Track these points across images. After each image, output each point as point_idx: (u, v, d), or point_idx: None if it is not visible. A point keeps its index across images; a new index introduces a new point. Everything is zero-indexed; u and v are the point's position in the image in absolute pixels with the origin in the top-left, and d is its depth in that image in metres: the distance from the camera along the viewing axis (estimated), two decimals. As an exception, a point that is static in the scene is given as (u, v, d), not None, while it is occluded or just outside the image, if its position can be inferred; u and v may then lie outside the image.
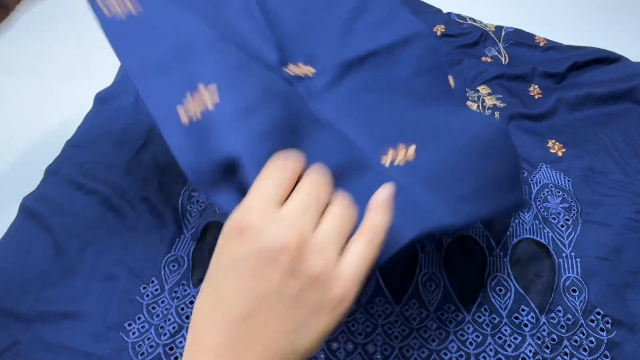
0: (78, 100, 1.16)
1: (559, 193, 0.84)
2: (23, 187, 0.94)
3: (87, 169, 0.97)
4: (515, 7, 1.38)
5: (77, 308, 0.74)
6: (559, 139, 0.94)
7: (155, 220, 0.86)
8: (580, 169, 0.88)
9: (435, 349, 0.69)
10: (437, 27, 1.23)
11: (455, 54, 1.17)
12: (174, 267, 0.79)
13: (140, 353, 0.70)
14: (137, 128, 1.06)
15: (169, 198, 0.90)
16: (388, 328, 0.71)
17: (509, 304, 0.72)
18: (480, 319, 0.71)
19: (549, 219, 0.81)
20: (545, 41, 1.15)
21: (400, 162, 0.57)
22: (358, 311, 0.73)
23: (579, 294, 0.71)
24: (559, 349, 0.67)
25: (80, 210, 0.88)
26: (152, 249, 0.82)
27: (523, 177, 0.86)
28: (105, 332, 0.71)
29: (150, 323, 0.73)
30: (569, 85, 1.06)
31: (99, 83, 1.17)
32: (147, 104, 0.56)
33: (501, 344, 0.68)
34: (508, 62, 1.14)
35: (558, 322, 0.69)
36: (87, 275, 0.78)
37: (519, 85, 1.07)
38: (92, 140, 1.03)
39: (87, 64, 1.31)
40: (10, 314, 0.74)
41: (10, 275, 0.79)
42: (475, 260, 0.77)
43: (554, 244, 0.77)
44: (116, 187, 0.93)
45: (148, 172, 0.95)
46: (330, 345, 0.70)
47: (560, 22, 1.31)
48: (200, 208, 0.88)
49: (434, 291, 0.74)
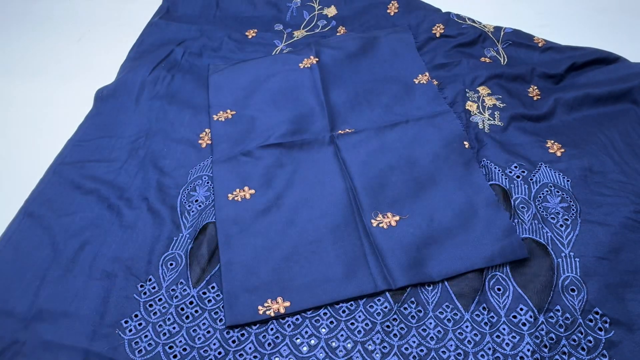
0: (78, 100, 1.16)
1: (558, 193, 0.84)
2: (23, 186, 0.94)
3: (86, 168, 0.97)
4: (514, 7, 1.39)
5: (75, 306, 0.74)
6: (558, 139, 0.94)
7: (153, 219, 0.86)
8: (579, 169, 0.88)
9: (434, 347, 0.69)
10: (436, 27, 1.23)
11: (454, 54, 1.17)
12: (171, 265, 0.79)
13: (137, 350, 0.69)
14: (137, 127, 1.06)
15: (167, 197, 0.90)
16: (387, 327, 0.70)
17: (507, 303, 0.72)
18: (479, 318, 0.71)
19: (548, 218, 0.81)
20: (544, 42, 1.15)
21: (383, 226, 0.82)
22: (357, 310, 0.73)
23: (577, 293, 0.71)
24: (557, 348, 0.67)
25: (79, 210, 0.88)
26: (149, 248, 0.82)
27: (523, 176, 0.87)
28: (103, 330, 0.71)
29: (147, 321, 0.73)
30: (567, 85, 1.06)
31: (99, 83, 1.17)
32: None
33: (499, 342, 0.68)
34: (507, 62, 1.14)
35: (556, 322, 0.69)
36: (84, 274, 0.78)
37: (518, 85, 1.07)
38: (92, 139, 1.03)
39: (87, 64, 1.32)
40: (9, 313, 0.74)
41: (8, 275, 0.79)
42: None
43: (553, 243, 0.77)
44: (115, 186, 0.93)
45: (147, 171, 0.96)
46: (329, 343, 0.70)
47: (559, 23, 1.31)
48: (199, 207, 0.88)
49: (432, 290, 0.74)
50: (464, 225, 0.80)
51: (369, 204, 0.84)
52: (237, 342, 0.70)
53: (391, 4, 1.32)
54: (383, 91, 1.09)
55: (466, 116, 1.01)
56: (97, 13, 1.51)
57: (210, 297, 0.75)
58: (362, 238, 0.80)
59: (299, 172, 0.92)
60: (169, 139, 1.02)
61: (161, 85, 1.14)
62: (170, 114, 1.08)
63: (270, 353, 0.69)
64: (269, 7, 1.39)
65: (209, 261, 0.80)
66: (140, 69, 1.17)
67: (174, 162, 0.97)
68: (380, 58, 1.18)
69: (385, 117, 1.02)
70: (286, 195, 0.88)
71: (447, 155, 0.92)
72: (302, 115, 1.04)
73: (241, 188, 0.89)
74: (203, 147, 1.00)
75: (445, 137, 0.95)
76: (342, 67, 1.16)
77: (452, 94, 1.06)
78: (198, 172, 0.95)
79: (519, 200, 0.83)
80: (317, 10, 1.36)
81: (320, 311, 0.73)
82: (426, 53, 1.18)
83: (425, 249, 0.77)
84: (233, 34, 1.31)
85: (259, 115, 1.05)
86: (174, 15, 1.41)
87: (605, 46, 1.10)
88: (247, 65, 1.19)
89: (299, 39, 1.29)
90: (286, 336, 0.71)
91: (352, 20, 1.33)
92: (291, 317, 0.72)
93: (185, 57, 1.22)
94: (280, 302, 0.73)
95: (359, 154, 0.94)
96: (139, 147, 1.00)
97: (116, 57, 1.29)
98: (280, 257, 0.78)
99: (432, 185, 0.87)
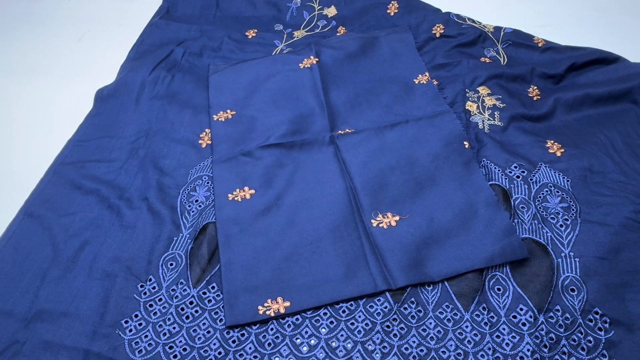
0: (78, 100, 1.16)
1: (558, 193, 0.84)
2: (23, 186, 0.94)
3: (87, 168, 0.97)
4: (514, 7, 1.39)
5: (75, 306, 0.74)
6: (558, 139, 0.94)
7: (153, 219, 0.86)
8: (579, 169, 0.88)
9: (433, 347, 0.69)
10: (436, 28, 1.23)
11: (454, 54, 1.17)
12: (171, 265, 0.79)
13: (137, 350, 0.69)
14: (137, 127, 1.06)
15: (167, 197, 0.90)
16: (387, 327, 0.71)
17: (507, 303, 0.72)
18: (479, 318, 0.71)
19: (548, 218, 0.81)
20: (544, 42, 1.15)
21: (383, 226, 0.82)
22: (357, 310, 0.73)
23: (577, 293, 0.71)
24: (557, 348, 0.67)
25: (79, 210, 0.88)
26: (149, 248, 0.82)
27: (523, 176, 0.87)
28: (103, 330, 0.71)
29: (147, 320, 0.73)
30: (567, 85, 1.06)
31: (99, 83, 1.17)
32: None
33: (499, 342, 0.68)
34: (507, 62, 1.14)
35: (556, 322, 0.69)
36: (84, 274, 0.78)
37: (518, 86, 1.07)
38: (92, 139, 1.03)
39: (87, 64, 1.32)
40: (9, 313, 0.74)
41: (8, 275, 0.79)
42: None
43: (553, 243, 0.77)
44: (115, 186, 0.93)
45: (147, 171, 0.96)
46: (329, 343, 0.70)
47: (559, 23, 1.31)
48: (199, 207, 0.88)
49: (432, 290, 0.74)
50: (464, 225, 0.80)
51: (369, 204, 0.84)
52: (237, 342, 0.70)
53: (391, 4, 1.32)
54: (383, 91, 1.09)
55: (466, 116, 1.01)
56: (97, 13, 1.51)
57: (211, 297, 0.75)
58: (362, 238, 0.80)
59: (299, 172, 0.92)
60: (169, 139, 1.02)
61: (161, 85, 1.14)
62: (170, 114, 1.08)
63: (270, 353, 0.69)
64: (269, 7, 1.39)
65: (209, 261, 0.80)
66: (140, 69, 1.17)
67: (174, 162, 0.97)
68: (380, 58, 1.18)
69: (385, 117, 1.03)
70: (286, 195, 0.88)
71: (447, 155, 0.92)
72: (302, 115, 1.04)
73: (241, 188, 0.89)
74: (203, 147, 1.00)
75: (445, 137, 0.95)
76: (342, 67, 1.16)
77: (452, 94, 1.06)
78: (198, 172, 0.95)
79: (519, 200, 0.83)
80: (317, 11, 1.36)
81: (320, 311, 0.73)
82: (426, 53, 1.19)
83: (425, 249, 0.77)
84: (233, 34, 1.31)
85: (259, 116, 1.05)
86: (174, 15, 1.41)
87: (605, 46, 1.10)
88: (247, 65, 1.19)
89: (299, 39, 1.29)
90: (286, 336, 0.71)
91: (352, 20, 1.33)
92: (291, 317, 0.72)
93: (185, 57, 1.22)
94: (280, 302, 0.73)
95: (359, 154, 0.94)
96: (139, 147, 1.00)
97: (116, 57, 1.29)
98: (280, 257, 0.78)
99: (432, 185, 0.87)
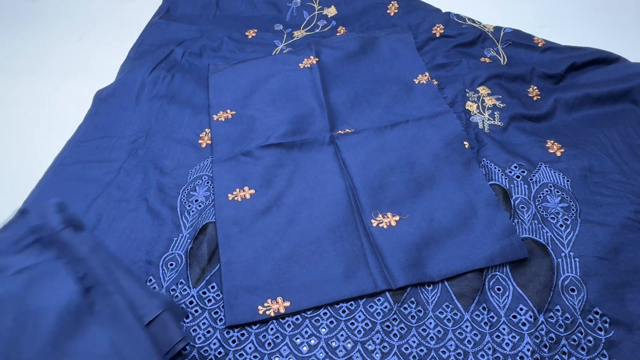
0: (78, 100, 1.16)
1: (558, 193, 0.84)
2: (23, 186, 0.94)
3: (86, 168, 0.97)
4: (514, 7, 1.38)
5: (75, 306, 0.74)
6: (558, 139, 0.94)
7: (153, 219, 0.86)
8: (579, 169, 0.88)
9: (433, 347, 0.69)
10: (436, 28, 1.23)
11: (454, 54, 1.17)
12: (171, 265, 0.79)
13: (138, 351, 0.69)
14: (137, 127, 1.06)
15: (167, 197, 0.90)
16: (387, 327, 0.71)
17: (507, 303, 0.72)
18: (479, 318, 0.71)
19: (548, 218, 0.81)
20: (543, 42, 1.15)
21: (383, 226, 0.82)
22: (357, 310, 0.73)
23: (577, 293, 0.71)
24: (557, 348, 0.67)
25: (78, 210, 0.88)
26: (149, 248, 0.82)
27: (523, 176, 0.87)
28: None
29: (148, 321, 0.73)
30: (567, 86, 1.06)
31: (99, 83, 1.17)
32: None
33: (499, 342, 0.68)
34: (507, 62, 1.14)
35: (556, 322, 0.69)
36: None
37: (518, 86, 1.07)
38: (92, 139, 1.03)
39: (87, 64, 1.32)
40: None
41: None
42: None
43: (553, 243, 0.77)
44: (114, 186, 0.93)
45: (147, 171, 0.96)
46: (329, 343, 0.70)
47: (559, 23, 1.31)
48: (199, 207, 0.88)
49: (432, 290, 0.74)
50: (464, 225, 0.80)
51: (368, 204, 0.84)
52: (237, 342, 0.70)
53: (391, 4, 1.32)
54: (383, 91, 1.09)
55: (466, 116, 1.01)
56: (97, 13, 1.50)
57: (210, 297, 0.75)
58: (362, 238, 0.80)
59: (299, 172, 0.92)
60: (168, 139, 1.02)
61: (161, 85, 1.14)
62: (170, 113, 1.08)
63: (270, 353, 0.69)
64: (269, 7, 1.39)
65: (209, 261, 0.80)
66: (140, 69, 1.17)
67: (174, 162, 0.97)
68: (380, 58, 1.18)
69: (385, 117, 1.03)
70: (286, 195, 0.88)
71: (447, 155, 0.92)
72: (302, 115, 1.04)
73: (241, 188, 0.89)
74: (203, 147, 1.00)
75: (445, 137, 0.95)
76: (342, 67, 1.16)
77: (452, 94, 1.06)
78: (198, 172, 0.95)
79: (519, 200, 0.83)
80: (317, 11, 1.36)
81: (320, 311, 0.73)
82: (426, 53, 1.19)
83: (425, 249, 0.77)
84: (233, 34, 1.31)
85: (259, 115, 1.05)
86: (174, 15, 1.41)
87: (605, 46, 1.10)
88: (247, 65, 1.19)
89: (299, 39, 1.29)
90: (286, 336, 0.71)
91: (352, 20, 1.33)
92: (291, 317, 0.72)
93: (185, 57, 1.22)
94: (280, 302, 0.73)
95: (359, 154, 0.94)
96: (138, 147, 1.00)
97: (116, 57, 1.29)
98: (280, 257, 0.78)
99: (432, 185, 0.87)
